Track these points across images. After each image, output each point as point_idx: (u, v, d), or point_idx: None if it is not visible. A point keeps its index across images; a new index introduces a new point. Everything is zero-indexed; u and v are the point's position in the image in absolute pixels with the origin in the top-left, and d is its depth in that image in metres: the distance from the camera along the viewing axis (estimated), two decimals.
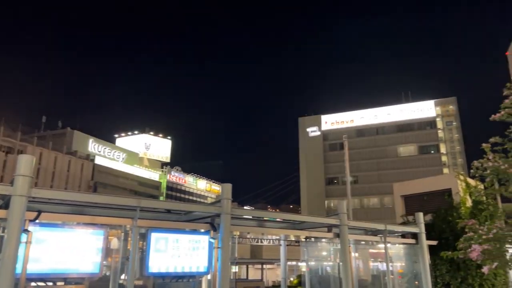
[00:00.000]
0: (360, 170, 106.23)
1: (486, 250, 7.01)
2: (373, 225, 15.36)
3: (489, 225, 7.54)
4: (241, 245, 35.16)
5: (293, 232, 14.72)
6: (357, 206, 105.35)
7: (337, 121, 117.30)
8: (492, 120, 7.97)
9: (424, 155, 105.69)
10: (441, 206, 19.01)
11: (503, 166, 7.14)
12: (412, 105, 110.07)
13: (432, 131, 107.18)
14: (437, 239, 17.22)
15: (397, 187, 21.26)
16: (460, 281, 16.64)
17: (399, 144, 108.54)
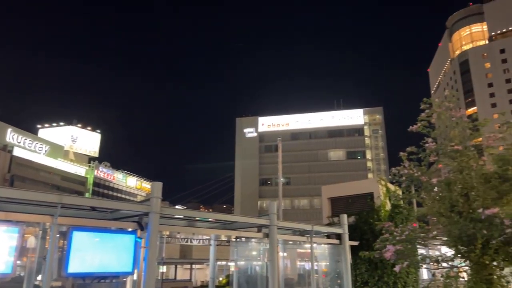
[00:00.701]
0: (293, 172, 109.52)
1: (398, 250, 7.62)
2: (300, 225, 15.91)
3: (402, 227, 8.21)
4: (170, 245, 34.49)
5: (223, 232, 14.77)
6: (288, 207, 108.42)
7: (273, 124, 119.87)
8: (410, 131, 8.68)
9: (352, 160, 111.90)
10: (364, 208, 20.19)
11: (416, 174, 7.81)
12: (343, 113, 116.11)
13: (360, 138, 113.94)
14: (359, 239, 18.25)
15: (325, 190, 22.20)
16: (377, 279, 17.82)
17: (329, 149, 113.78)
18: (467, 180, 7.30)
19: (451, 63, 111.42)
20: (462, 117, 8.16)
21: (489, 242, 6.87)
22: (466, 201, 7.26)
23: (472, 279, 7.07)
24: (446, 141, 7.84)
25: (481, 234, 6.65)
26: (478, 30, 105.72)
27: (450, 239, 7.35)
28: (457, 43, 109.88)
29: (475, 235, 6.75)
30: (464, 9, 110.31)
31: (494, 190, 6.96)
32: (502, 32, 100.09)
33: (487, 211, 6.48)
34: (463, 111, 8.04)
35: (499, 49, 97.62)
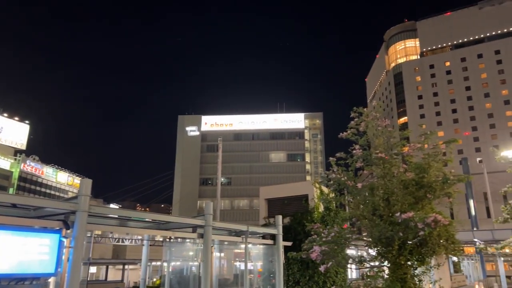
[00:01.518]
0: (234, 172, 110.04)
1: (324, 251, 7.98)
2: (236, 226, 16.02)
3: (329, 229, 8.61)
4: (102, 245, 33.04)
5: (157, 232, 14.46)
6: (228, 207, 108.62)
7: (216, 123, 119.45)
8: (340, 137, 9.14)
9: (292, 162, 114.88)
10: (299, 210, 20.82)
11: (343, 178, 8.25)
12: (285, 116, 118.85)
13: (300, 141, 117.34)
14: (292, 240, 18.77)
15: (263, 191, 22.60)
16: (308, 279, 18.47)
17: (271, 151, 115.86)
18: (388, 186, 7.83)
19: (387, 74, 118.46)
20: (387, 126, 8.75)
21: (405, 243, 7.43)
22: (387, 205, 7.79)
23: (389, 278, 7.60)
24: (372, 149, 8.36)
25: (398, 236, 7.18)
26: (411, 45, 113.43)
27: (371, 241, 7.84)
28: (393, 56, 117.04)
29: (393, 237, 7.27)
30: (400, 24, 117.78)
31: (411, 196, 7.55)
32: (432, 49, 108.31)
33: (403, 215, 7.01)
34: (388, 121, 8.63)
35: (429, 65, 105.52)
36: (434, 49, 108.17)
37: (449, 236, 7.48)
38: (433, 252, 7.46)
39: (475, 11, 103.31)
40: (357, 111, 9.22)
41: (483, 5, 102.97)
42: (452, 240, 7.58)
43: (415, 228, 6.85)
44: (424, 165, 7.56)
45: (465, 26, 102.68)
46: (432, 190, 7.42)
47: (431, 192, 7.40)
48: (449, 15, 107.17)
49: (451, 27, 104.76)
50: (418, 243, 7.26)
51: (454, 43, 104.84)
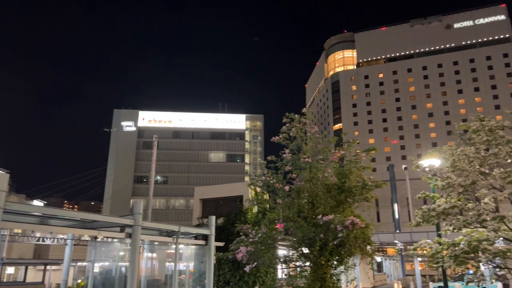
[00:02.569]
0: (172, 171, 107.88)
1: (249, 252, 8.17)
2: (167, 226, 15.77)
3: (257, 230, 8.82)
4: (22, 244, 30.73)
5: (83, 232, 13.81)
6: (163, 206, 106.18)
7: (155, 119, 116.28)
8: (273, 141, 9.42)
9: (231, 162, 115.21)
10: (233, 211, 20.99)
11: (272, 181, 8.51)
12: (226, 116, 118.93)
13: (241, 142, 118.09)
14: (225, 241, 18.87)
15: (198, 191, 22.47)
16: (238, 279, 18.69)
17: (211, 150, 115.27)
18: (313, 189, 8.22)
19: (325, 82, 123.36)
20: (315, 133, 9.17)
21: (326, 244, 7.84)
22: (311, 207, 8.17)
23: (310, 277, 7.97)
24: (300, 153, 8.72)
25: (319, 237, 7.56)
26: (349, 56, 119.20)
27: (295, 242, 8.18)
28: (332, 65, 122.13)
29: (315, 238, 7.64)
30: (339, 35, 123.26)
31: (333, 199, 8.00)
32: (367, 61, 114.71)
33: (325, 218, 7.41)
34: (316, 128, 9.04)
35: (364, 75, 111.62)
36: (369, 60, 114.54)
37: (365, 238, 8.04)
38: (350, 253, 7.97)
39: (407, 28, 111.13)
40: (289, 116, 9.55)
41: (414, 24, 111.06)
42: (368, 241, 8.16)
43: (335, 230, 7.27)
44: (346, 171, 8.05)
45: (398, 42, 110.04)
46: (352, 194, 7.93)
47: (351, 196, 7.90)
48: (384, 30, 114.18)
49: (385, 41, 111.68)
50: (337, 244, 7.70)
51: (388, 56, 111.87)
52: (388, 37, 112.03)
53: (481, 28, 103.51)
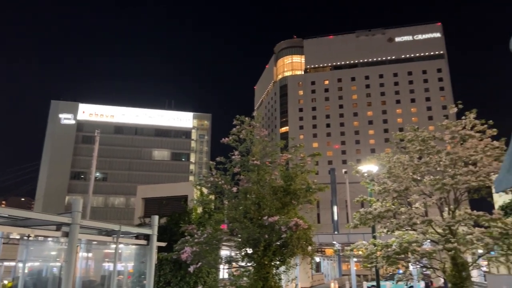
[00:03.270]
0: (112, 168, 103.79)
1: (194, 252, 8.17)
2: (107, 225, 15.21)
3: (203, 230, 8.84)
4: None
5: (13, 229, 12.92)
6: (101, 204, 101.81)
7: (96, 113, 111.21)
8: (222, 142, 9.49)
9: (176, 161, 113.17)
10: (177, 211, 20.71)
11: (220, 182, 8.58)
12: (173, 113, 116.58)
13: (187, 140, 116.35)
14: (168, 241, 18.57)
15: (140, 190, 21.90)
16: (179, 279, 18.47)
17: (155, 148, 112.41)
18: (260, 191, 8.41)
19: (274, 85, 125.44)
20: (265, 136, 9.38)
21: (270, 245, 8.05)
22: (257, 209, 8.35)
23: (253, 277, 8.14)
24: (249, 156, 8.88)
25: (264, 238, 7.76)
26: (298, 61, 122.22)
27: (240, 242, 8.31)
28: (281, 69, 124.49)
29: (259, 239, 7.82)
30: (289, 40, 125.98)
31: (279, 201, 8.25)
32: (315, 67, 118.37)
33: (270, 219, 7.62)
34: (266, 131, 9.25)
35: (311, 81, 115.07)
36: (316, 67, 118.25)
37: (307, 238, 8.38)
38: (292, 253, 8.28)
39: (353, 38, 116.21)
40: (239, 119, 9.68)
41: (359, 34, 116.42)
42: (310, 242, 8.51)
43: (279, 231, 7.51)
44: (292, 174, 8.35)
45: (344, 51, 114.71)
46: (297, 196, 8.23)
47: (296, 199, 8.20)
48: (331, 38, 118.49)
49: (332, 50, 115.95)
50: (281, 245, 7.95)
51: (334, 64, 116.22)
52: (334, 45, 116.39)
53: (419, 44, 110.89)
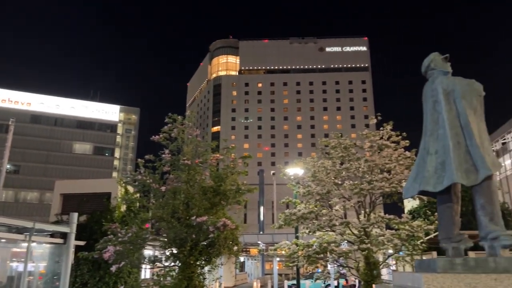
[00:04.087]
0: (26, 160, 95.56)
1: (117, 251, 7.92)
2: (19, 222, 14.11)
3: (127, 229, 8.59)
4: None
5: None
6: (11, 199, 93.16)
7: (10, 99, 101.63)
8: (152, 140, 9.30)
9: (99, 156, 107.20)
10: (99, 208, 19.75)
11: (148, 180, 8.42)
12: (98, 105, 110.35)
13: (112, 134, 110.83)
14: (87, 240, 17.65)
15: (59, 185, 20.53)
16: (98, 280, 17.64)
17: (76, 141, 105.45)
18: (189, 191, 8.41)
19: (207, 83, 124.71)
20: (197, 136, 9.38)
21: (197, 245, 8.08)
22: (186, 208, 8.33)
23: (178, 277, 8.11)
24: (180, 155, 8.81)
25: (191, 238, 7.78)
26: (233, 61, 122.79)
27: (166, 242, 8.22)
28: (215, 67, 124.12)
29: (186, 238, 7.82)
30: (225, 39, 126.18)
31: (208, 202, 8.32)
32: (249, 69, 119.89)
33: (198, 219, 7.66)
34: (198, 131, 9.25)
35: (245, 82, 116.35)
36: (251, 69, 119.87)
37: (234, 238, 8.55)
38: (219, 253, 8.39)
39: (286, 44, 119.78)
40: (172, 117, 9.56)
41: (293, 41, 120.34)
42: (236, 242, 8.70)
43: (207, 231, 7.58)
44: (223, 175, 8.46)
45: (277, 56, 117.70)
46: (226, 197, 8.37)
47: (225, 199, 8.33)
48: (266, 42, 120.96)
49: (266, 53, 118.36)
50: (207, 245, 8.02)
51: (267, 68, 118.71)
52: (269, 49, 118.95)
53: (347, 55, 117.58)
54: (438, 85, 5.13)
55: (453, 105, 4.89)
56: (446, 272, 4.17)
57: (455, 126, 4.78)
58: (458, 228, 4.90)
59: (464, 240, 4.80)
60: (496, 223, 4.42)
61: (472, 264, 4.21)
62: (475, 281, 3.90)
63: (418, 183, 4.89)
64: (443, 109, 4.91)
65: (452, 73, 5.30)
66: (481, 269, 4.09)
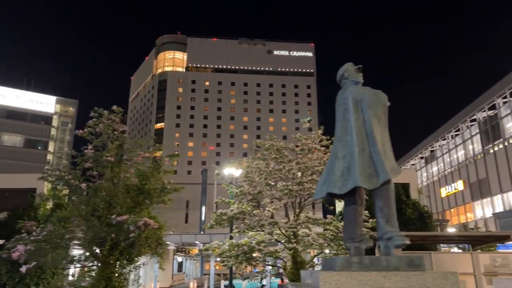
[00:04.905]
0: None
1: (28, 251, 7.47)
2: None
3: (42, 227, 8.13)
4: None
5: None
6: None
7: None
8: (76, 134, 8.89)
9: (31, 149, 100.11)
10: (23, 205, 18.54)
11: (67, 177, 8.04)
12: (31, 95, 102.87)
13: (46, 127, 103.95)
14: (7, 238, 16.44)
15: None
16: (17, 281, 16.47)
17: (5, 132, 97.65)
18: (112, 189, 8.14)
19: (152, 78, 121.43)
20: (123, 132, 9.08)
21: (117, 244, 7.85)
22: (107, 207, 8.06)
23: (96, 277, 7.82)
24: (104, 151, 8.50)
25: (110, 237, 7.54)
26: (180, 58, 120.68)
27: (85, 241, 7.89)
28: (161, 63, 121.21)
29: (106, 238, 7.57)
30: (172, 35, 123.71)
31: (132, 200, 8.11)
32: (196, 66, 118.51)
33: (118, 218, 7.45)
34: (125, 127, 8.98)
35: (192, 80, 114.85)
36: (198, 67, 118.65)
37: (158, 238, 8.41)
38: (140, 253, 8.21)
39: (235, 44, 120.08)
40: (97, 111, 9.21)
41: (242, 42, 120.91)
42: (159, 242, 8.56)
43: (128, 230, 7.38)
44: (148, 174, 8.29)
45: (226, 55, 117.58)
46: (150, 196, 8.20)
47: (149, 198, 8.16)
48: (215, 40, 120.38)
49: (215, 52, 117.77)
50: (129, 244, 7.82)
51: (215, 66, 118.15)
52: (217, 48, 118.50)
53: (294, 60, 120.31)
54: (348, 94, 5.41)
55: (361, 114, 5.19)
56: (344, 270, 4.42)
57: (361, 133, 5.08)
58: (361, 228, 5.22)
59: (365, 240, 5.11)
60: (392, 225, 4.76)
61: (367, 262, 4.50)
62: (367, 278, 4.18)
63: (326, 185, 5.13)
64: (351, 117, 5.20)
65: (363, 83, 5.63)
66: (374, 267, 4.39)
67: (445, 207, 58.54)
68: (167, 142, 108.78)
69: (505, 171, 44.17)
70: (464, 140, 54.48)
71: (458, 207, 55.43)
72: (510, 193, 43.64)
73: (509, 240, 16.96)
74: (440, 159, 62.22)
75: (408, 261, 4.42)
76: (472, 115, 52.18)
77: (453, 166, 57.34)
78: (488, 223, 45.25)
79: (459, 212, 55.16)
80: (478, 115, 50.62)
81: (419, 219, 18.38)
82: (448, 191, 57.76)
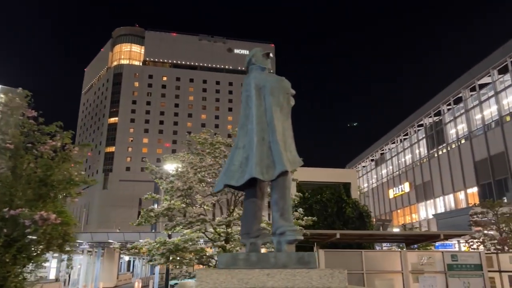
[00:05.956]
0: None
1: None
2: None
3: None
4: None
5: None
6: None
7: None
8: None
9: None
10: None
11: None
12: None
13: None
14: None
15: None
16: None
17: None
18: (10, 180, 7.35)
19: (107, 71, 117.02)
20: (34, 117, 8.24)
21: (15, 241, 7.07)
22: (6, 201, 7.26)
23: None
24: (5, 136, 7.66)
25: (3, 233, 6.77)
26: (137, 51, 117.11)
27: None
28: (117, 55, 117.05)
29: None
30: (130, 27, 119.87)
31: (33, 193, 7.35)
32: (154, 61, 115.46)
33: (12, 212, 6.69)
34: (35, 113, 8.18)
35: (149, 74, 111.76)
36: (156, 61, 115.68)
37: (65, 235, 7.72)
38: (42, 250, 7.49)
39: (195, 41, 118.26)
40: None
41: (202, 38, 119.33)
42: (67, 239, 7.87)
43: (24, 225, 6.68)
44: (53, 164, 7.58)
45: (185, 51, 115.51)
46: (54, 188, 7.51)
47: (53, 191, 7.46)
48: (174, 35, 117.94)
49: (173, 47, 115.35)
50: (29, 241, 7.11)
51: (174, 62, 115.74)
52: (176, 43, 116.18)
53: None
54: (251, 80, 5.07)
55: (263, 101, 4.84)
56: (228, 268, 4.04)
57: (262, 122, 4.73)
58: (259, 223, 4.85)
59: (263, 235, 4.75)
60: (285, 219, 4.42)
61: (253, 259, 4.14)
62: (248, 276, 3.81)
63: (226, 176, 4.75)
64: (253, 104, 4.85)
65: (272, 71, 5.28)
66: (260, 265, 4.03)
67: (393, 208, 60.70)
68: (121, 138, 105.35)
69: (447, 174, 46.39)
70: (412, 144, 56.69)
71: (404, 208, 57.63)
72: (451, 195, 45.87)
73: (439, 239, 17.61)
74: (389, 161, 64.43)
75: (298, 258, 4.10)
76: (419, 120, 54.38)
77: (401, 168, 59.53)
78: (430, 223, 47.34)
79: (405, 213, 57.37)
80: (425, 120, 52.82)
81: (358, 218, 18.62)
82: (395, 192, 59.93)
